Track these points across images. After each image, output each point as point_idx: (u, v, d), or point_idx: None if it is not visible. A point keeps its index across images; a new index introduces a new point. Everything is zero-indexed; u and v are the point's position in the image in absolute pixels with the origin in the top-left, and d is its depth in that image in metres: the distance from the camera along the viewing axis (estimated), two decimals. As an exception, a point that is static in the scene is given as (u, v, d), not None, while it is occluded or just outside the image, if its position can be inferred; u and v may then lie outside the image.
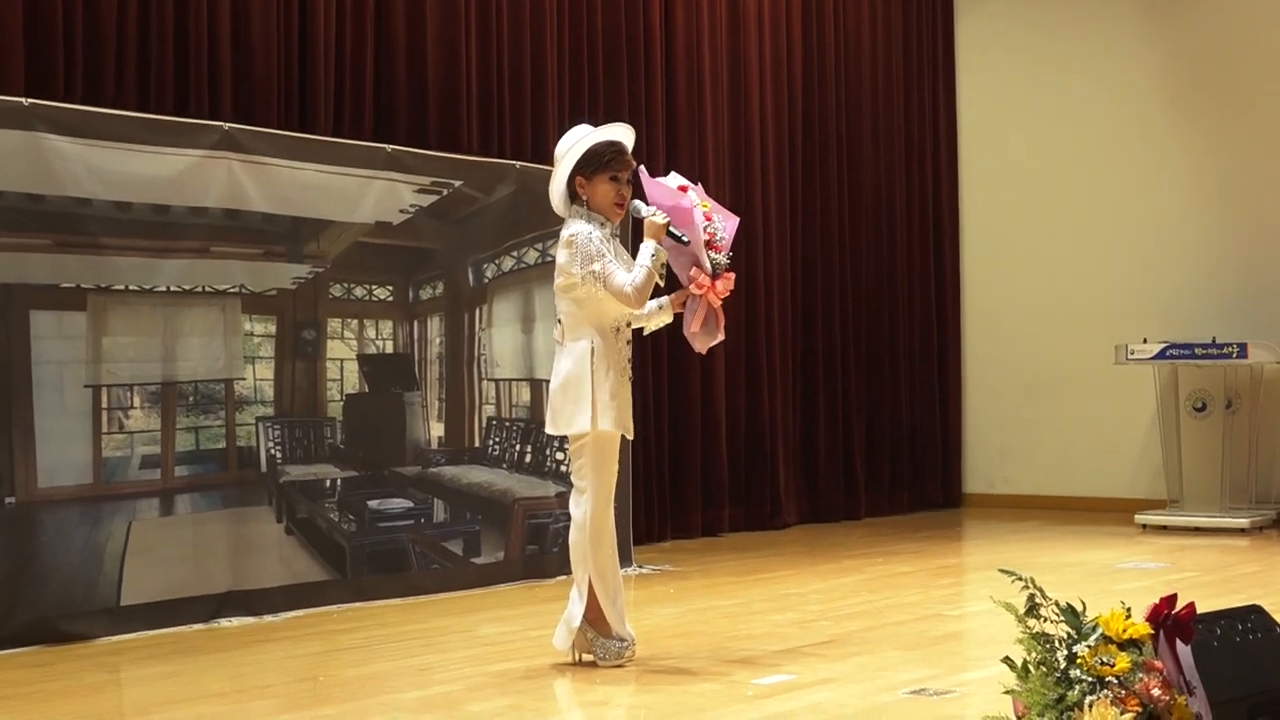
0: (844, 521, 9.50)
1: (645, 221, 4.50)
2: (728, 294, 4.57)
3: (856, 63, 10.07)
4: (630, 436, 4.65)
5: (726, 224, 4.59)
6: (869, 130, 10.11)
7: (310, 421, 6.11)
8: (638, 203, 4.55)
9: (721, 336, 4.63)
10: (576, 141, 4.56)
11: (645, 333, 4.78)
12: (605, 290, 4.43)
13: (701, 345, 4.63)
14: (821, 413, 9.61)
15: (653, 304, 4.63)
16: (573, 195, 4.58)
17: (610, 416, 4.45)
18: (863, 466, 9.85)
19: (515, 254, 6.87)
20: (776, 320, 9.26)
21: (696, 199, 4.55)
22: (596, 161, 4.53)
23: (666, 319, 4.72)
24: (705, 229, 4.51)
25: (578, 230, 4.49)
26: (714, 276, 4.51)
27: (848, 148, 9.95)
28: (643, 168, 4.63)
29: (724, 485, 8.76)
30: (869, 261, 10.07)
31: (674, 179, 4.64)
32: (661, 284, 4.50)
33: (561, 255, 4.52)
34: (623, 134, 4.65)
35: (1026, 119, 10.48)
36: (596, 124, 4.74)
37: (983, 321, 10.69)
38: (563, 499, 6.47)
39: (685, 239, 4.44)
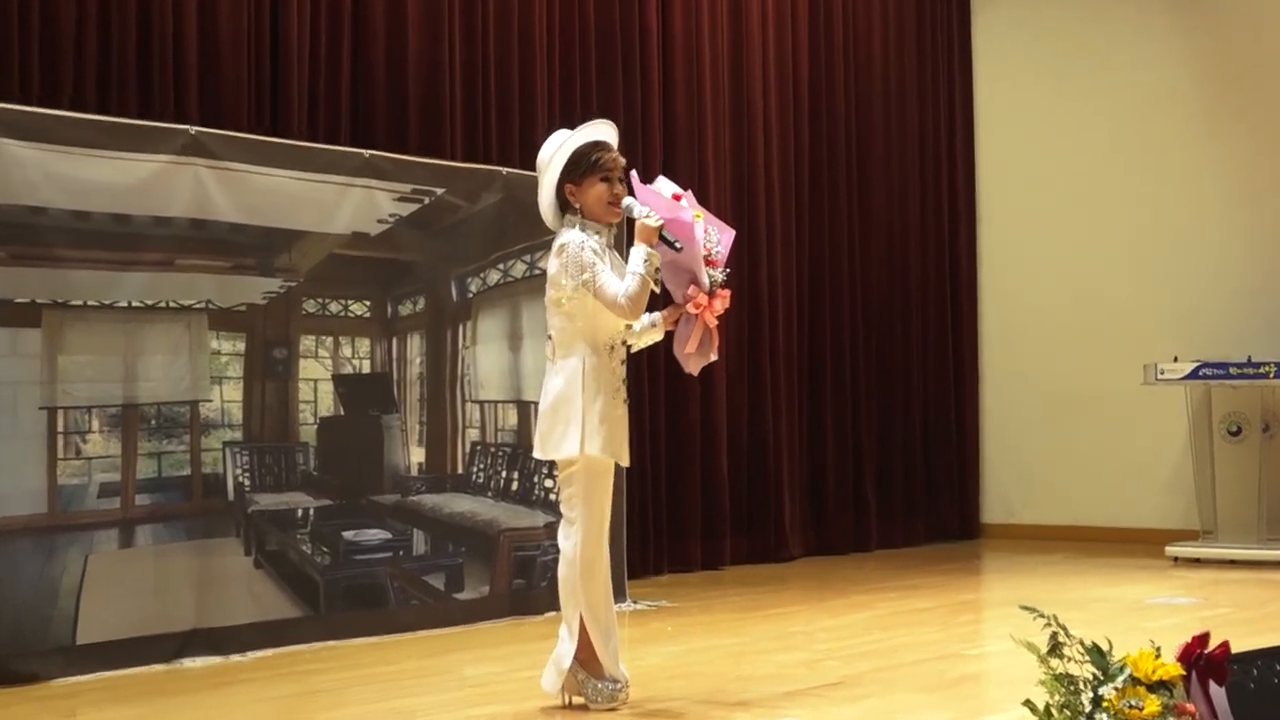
0: (854, 554, 9.50)
1: (637, 224, 4.49)
2: (724, 312, 4.57)
3: (867, 61, 10.10)
4: (625, 464, 4.63)
5: (722, 236, 4.59)
6: (880, 133, 10.13)
7: (281, 446, 6.10)
8: (630, 201, 4.53)
9: (714, 357, 4.63)
10: (559, 148, 4.56)
11: (634, 349, 4.78)
12: (598, 301, 4.42)
13: (694, 366, 4.63)
14: (829, 437, 9.61)
15: (645, 320, 4.62)
16: (564, 205, 4.58)
17: (599, 440, 4.43)
18: (874, 494, 9.84)
19: (501, 267, 6.87)
20: (781, 336, 9.26)
21: (693, 210, 4.55)
22: (584, 164, 4.53)
23: (657, 336, 4.71)
24: (703, 243, 4.51)
25: (569, 239, 4.49)
26: (710, 294, 4.51)
27: (858, 151, 9.97)
28: (634, 174, 4.63)
29: (725, 515, 8.76)
30: (880, 273, 10.08)
31: (665, 185, 4.64)
32: (656, 290, 4.49)
33: (552, 265, 4.52)
34: (605, 131, 4.64)
35: (1050, 120, 10.51)
36: (589, 130, 4.75)
37: (1002, 338, 10.69)
38: (552, 530, 6.47)
39: (679, 245, 4.43)
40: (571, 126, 4.75)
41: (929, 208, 10.51)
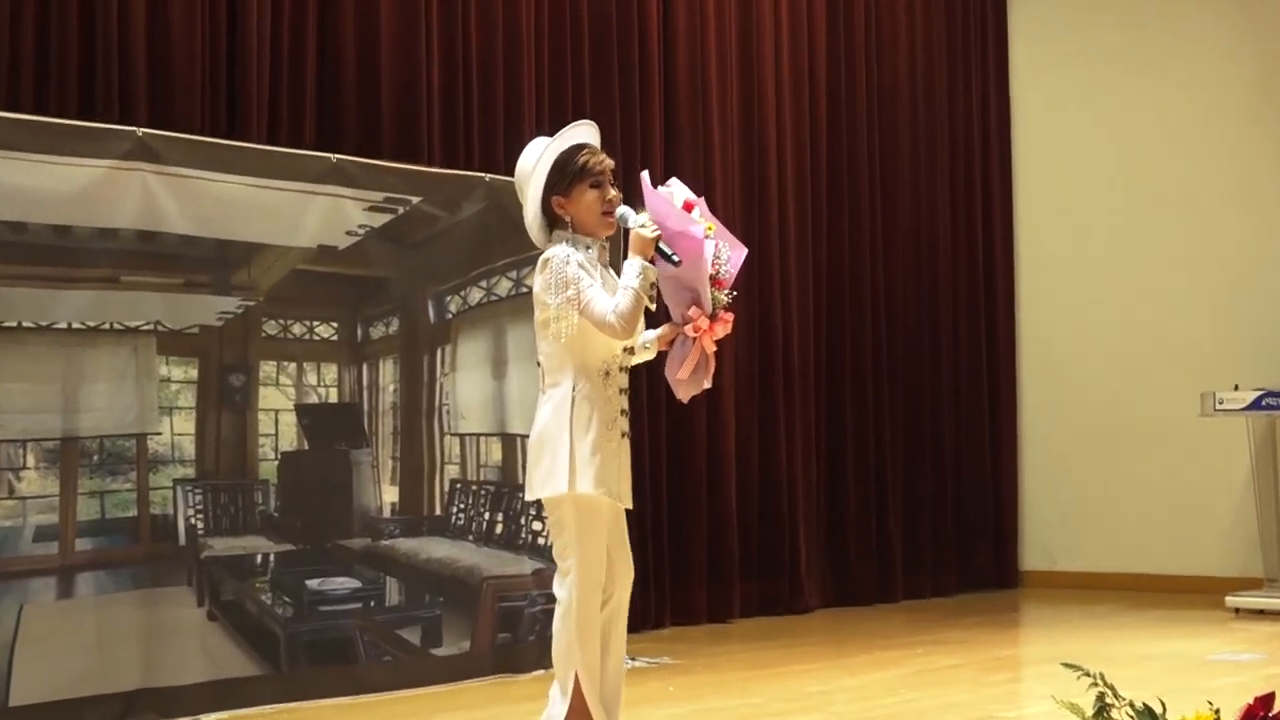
0: (877, 605, 9.49)
1: (632, 234, 4.47)
2: (724, 338, 4.57)
3: (892, 54, 10.11)
4: (626, 505, 4.60)
5: (733, 254, 4.59)
6: (907, 133, 10.14)
7: (238, 485, 6.09)
8: (624, 210, 4.53)
9: (708, 385, 4.62)
10: (539, 158, 4.55)
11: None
12: (586, 320, 4.41)
13: (685, 393, 4.62)
14: (851, 474, 9.59)
15: (639, 338, 4.62)
16: (553, 220, 4.57)
17: (590, 476, 4.39)
18: (900, 539, 9.82)
19: (484, 284, 6.86)
20: (796, 361, 9.25)
21: (705, 224, 4.54)
22: (570, 171, 4.53)
23: (648, 356, 4.72)
24: (711, 261, 4.51)
25: (553, 253, 4.48)
26: (711, 317, 4.51)
27: (881, 154, 9.97)
28: (645, 175, 4.63)
29: (733, 561, 8.73)
30: (907, 291, 10.08)
31: (678, 189, 4.64)
32: (652, 307, 4.49)
33: (537, 283, 4.52)
34: (585, 134, 4.64)
35: (1095, 125, 10.51)
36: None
37: (1042, 366, 10.68)
38: (541, 578, 6.48)
39: (676, 259, 4.43)
40: (562, 129, 4.75)
41: (961, 218, 10.51)
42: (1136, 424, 10.16)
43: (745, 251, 4.67)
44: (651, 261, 4.45)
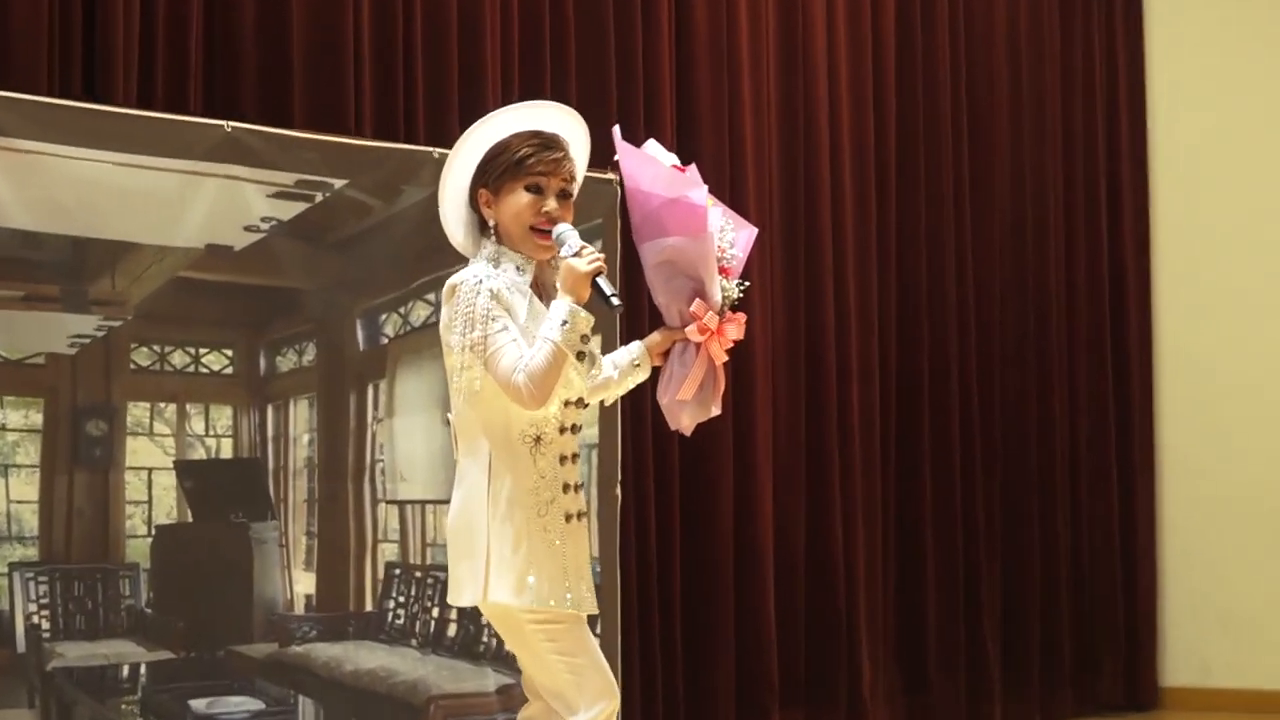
0: (969, 735, 9.47)
1: (562, 266, 4.41)
2: (735, 344, 4.59)
3: (987, 11, 10.10)
4: (584, 611, 4.52)
5: (738, 234, 4.65)
6: (1005, 99, 10.15)
7: (98, 570, 6.09)
8: (565, 229, 4.47)
9: (717, 411, 4.63)
10: (472, 132, 4.52)
11: (609, 400, 4.77)
12: (489, 374, 4.35)
13: (689, 421, 4.64)
14: (930, 562, 9.57)
15: (624, 356, 4.66)
16: (483, 222, 4.53)
17: (509, 582, 4.35)
18: (998, 647, 9.80)
19: (431, 298, 6.84)
20: (857, 407, 9.21)
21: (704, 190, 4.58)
22: (504, 161, 4.46)
23: (642, 376, 4.73)
24: (717, 240, 4.54)
25: (464, 278, 4.42)
26: (719, 314, 4.53)
27: (969, 126, 9.97)
28: (617, 131, 4.64)
29: (771, 680, 8.68)
30: (1006, 320, 10.07)
31: (657, 151, 4.64)
32: (582, 365, 4.42)
33: (443, 314, 4.46)
34: (557, 119, 4.62)
35: (1261, 92, 10.52)
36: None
37: (1190, 413, 10.66)
38: (508, 697, 6.43)
39: (617, 301, 4.39)
40: (538, 93, 4.73)
41: (1077, 212, 10.50)
42: (1320, 491, 10.18)
43: (755, 232, 4.74)
44: (581, 303, 4.38)
